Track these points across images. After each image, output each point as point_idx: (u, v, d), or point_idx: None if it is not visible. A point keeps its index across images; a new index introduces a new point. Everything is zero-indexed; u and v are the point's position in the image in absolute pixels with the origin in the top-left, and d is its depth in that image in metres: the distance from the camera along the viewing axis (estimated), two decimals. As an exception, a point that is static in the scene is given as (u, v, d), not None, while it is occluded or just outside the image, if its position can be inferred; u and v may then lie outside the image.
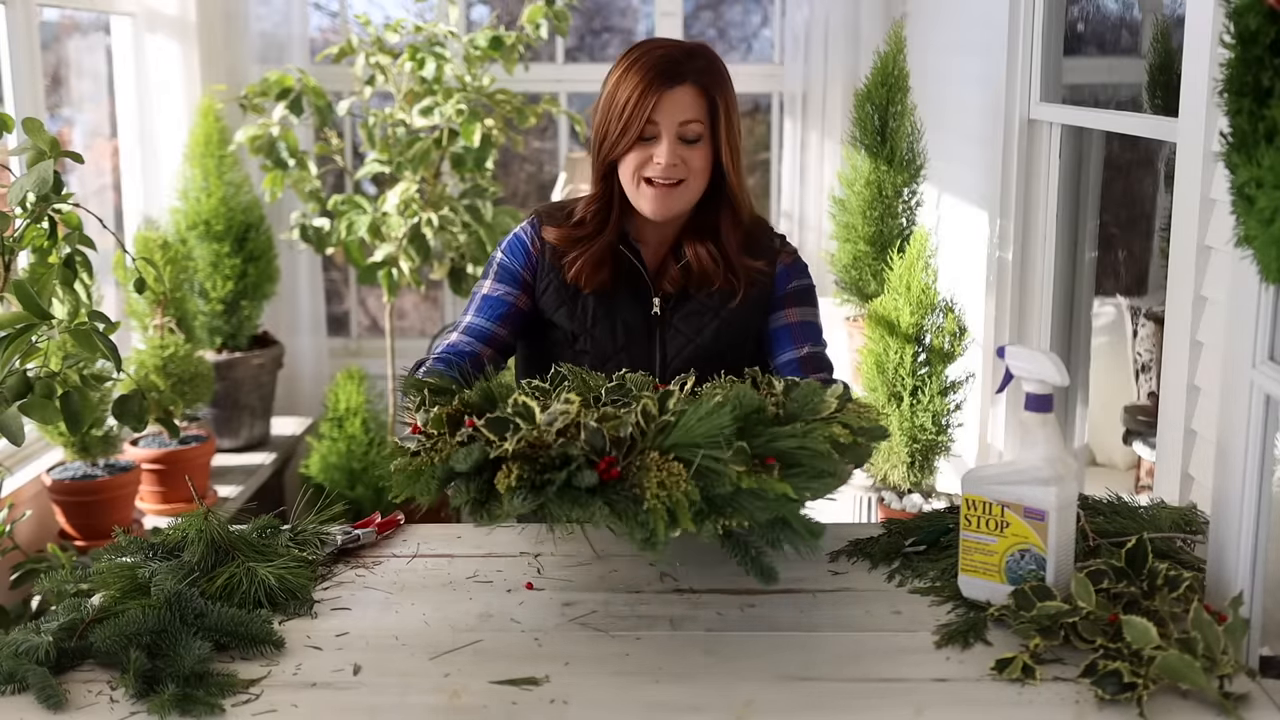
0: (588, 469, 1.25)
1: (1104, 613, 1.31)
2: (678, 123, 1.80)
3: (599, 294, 1.89)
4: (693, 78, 1.80)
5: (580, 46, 5.16)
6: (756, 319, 1.93)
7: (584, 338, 1.90)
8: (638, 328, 1.90)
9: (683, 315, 1.90)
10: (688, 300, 1.91)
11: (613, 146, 1.83)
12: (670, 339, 1.90)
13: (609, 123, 1.83)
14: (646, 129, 1.80)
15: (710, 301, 1.91)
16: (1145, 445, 3.01)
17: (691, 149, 1.81)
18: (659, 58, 1.81)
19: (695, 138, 1.81)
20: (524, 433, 1.27)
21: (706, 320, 1.90)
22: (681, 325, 1.90)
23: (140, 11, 3.95)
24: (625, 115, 1.80)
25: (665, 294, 1.90)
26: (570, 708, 1.23)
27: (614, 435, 1.28)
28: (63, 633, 1.33)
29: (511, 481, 1.25)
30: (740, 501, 1.24)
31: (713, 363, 1.84)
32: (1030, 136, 3.06)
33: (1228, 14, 1.11)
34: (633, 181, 1.83)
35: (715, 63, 1.85)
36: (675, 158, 1.80)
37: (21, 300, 1.72)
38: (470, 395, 1.43)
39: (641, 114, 1.79)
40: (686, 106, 1.80)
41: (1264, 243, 1.08)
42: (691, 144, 1.81)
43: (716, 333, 1.90)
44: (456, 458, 1.28)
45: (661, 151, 1.80)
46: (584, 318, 1.89)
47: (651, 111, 1.79)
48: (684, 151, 1.81)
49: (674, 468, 1.24)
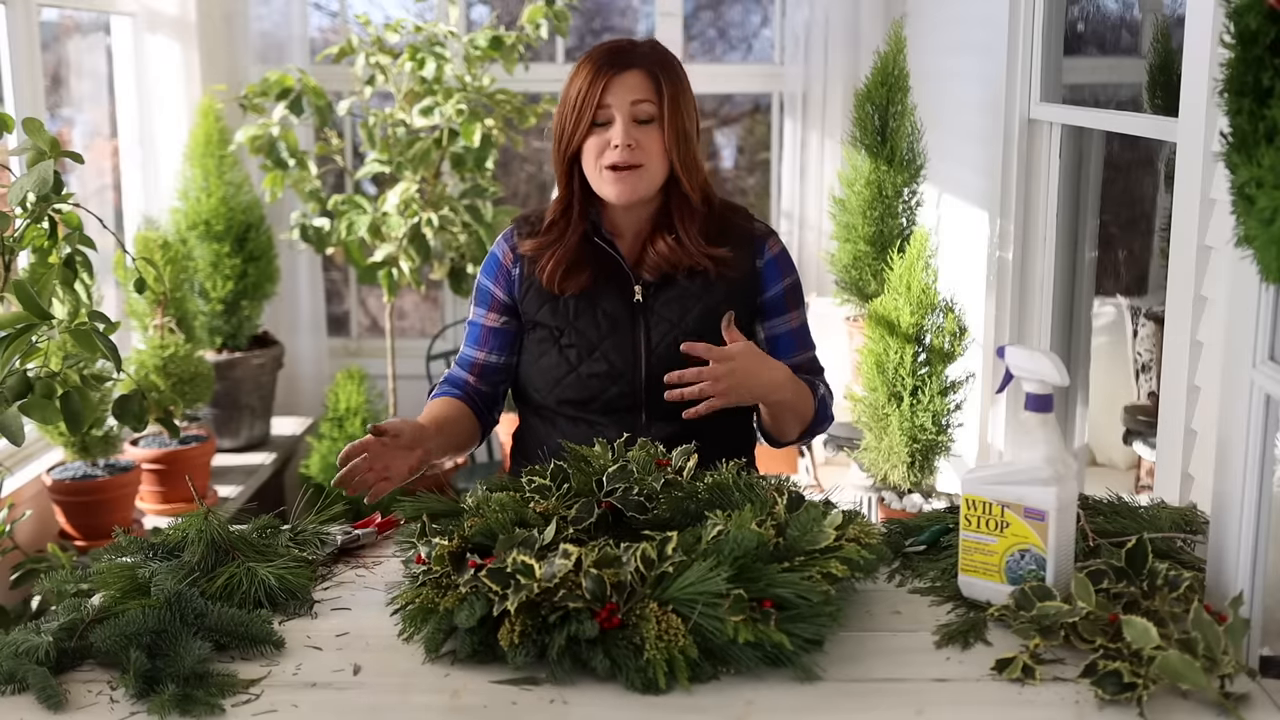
0: (589, 620, 1.27)
1: (1104, 613, 1.31)
2: (629, 103, 1.87)
3: (579, 291, 1.94)
4: (640, 62, 1.89)
5: (580, 46, 5.15)
6: (741, 301, 1.96)
7: (568, 331, 1.94)
8: (621, 317, 1.94)
9: (664, 301, 1.94)
10: (670, 286, 1.95)
11: (570, 138, 1.90)
12: (654, 325, 1.94)
13: (564, 119, 1.91)
14: (599, 114, 1.87)
15: (692, 286, 1.95)
16: (1145, 445, 3.01)
17: (645, 130, 1.88)
18: (606, 48, 1.92)
19: (648, 118, 1.88)
20: (526, 588, 1.29)
21: (690, 305, 1.94)
22: (664, 311, 1.94)
23: (140, 11, 3.95)
24: (579, 104, 1.88)
25: (646, 282, 1.95)
26: (570, 708, 1.23)
27: (614, 580, 1.30)
28: (63, 633, 1.33)
29: (514, 638, 1.28)
30: (737, 651, 1.27)
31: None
32: (1030, 136, 3.06)
33: (1228, 14, 1.11)
34: (595, 170, 1.89)
35: (664, 52, 1.94)
36: (630, 138, 1.86)
37: (21, 300, 1.72)
38: (471, 530, 1.47)
39: (593, 99, 1.86)
40: (636, 88, 1.87)
41: (1264, 243, 1.08)
42: (644, 124, 1.88)
43: (700, 316, 1.94)
44: (459, 615, 1.31)
45: (617, 132, 1.86)
46: (566, 313, 1.94)
47: (602, 95, 1.86)
48: (638, 133, 1.87)
49: (672, 620, 1.27)
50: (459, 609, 1.32)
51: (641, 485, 1.56)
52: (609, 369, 1.93)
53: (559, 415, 1.99)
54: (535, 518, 1.50)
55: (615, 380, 1.93)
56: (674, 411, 1.89)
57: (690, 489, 1.56)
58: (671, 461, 1.64)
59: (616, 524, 1.55)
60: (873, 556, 1.44)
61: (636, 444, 1.66)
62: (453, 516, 1.57)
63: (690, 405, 1.81)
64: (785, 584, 1.32)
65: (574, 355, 1.94)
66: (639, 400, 1.94)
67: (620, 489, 1.55)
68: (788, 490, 1.54)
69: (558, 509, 1.52)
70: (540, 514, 1.51)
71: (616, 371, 1.93)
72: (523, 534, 1.43)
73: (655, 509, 1.54)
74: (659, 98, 1.88)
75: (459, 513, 1.57)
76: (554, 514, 1.50)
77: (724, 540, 1.36)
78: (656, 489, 1.56)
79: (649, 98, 1.87)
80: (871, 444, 3.08)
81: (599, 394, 1.94)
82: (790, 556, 1.39)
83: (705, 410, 1.80)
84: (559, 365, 1.95)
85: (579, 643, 1.28)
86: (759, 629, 1.27)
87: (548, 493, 1.56)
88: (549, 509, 1.52)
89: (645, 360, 1.93)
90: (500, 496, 1.54)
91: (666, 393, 1.81)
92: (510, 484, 1.63)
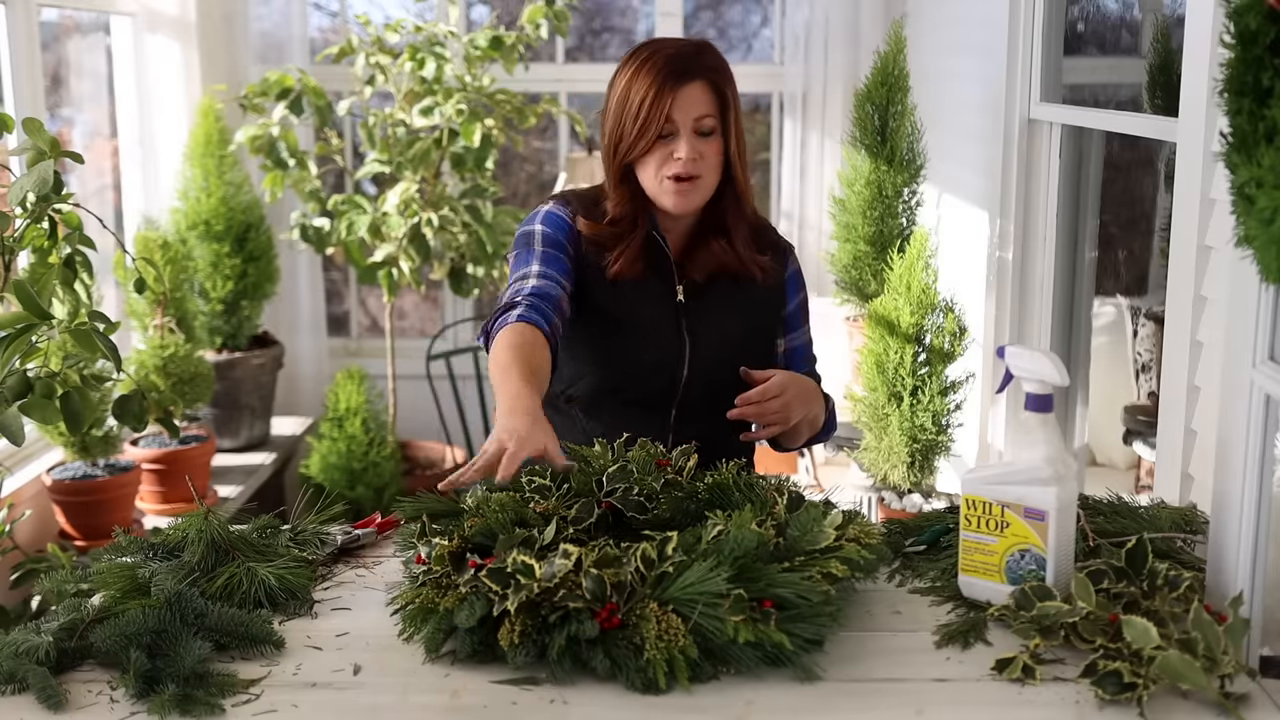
0: (589, 620, 1.27)
1: (1104, 613, 1.31)
2: (693, 118, 1.86)
3: (633, 281, 1.94)
4: (703, 74, 1.87)
5: (580, 46, 5.16)
6: (770, 309, 2.01)
7: (624, 320, 1.94)
8: (667, 312, 1.96)
9: (705, 303, 1.96)
10: (710, 288, 1.97)
11: (630, 148, 1.89)
12: (694, 325, 1.96)
13: (623, 125, 1.88)
14: (664, 127, 1.86)
15: (732, 289, 1.97)
16: (1145, 445, 3.01)
17: (706, 142, 1.88)
18: (669, 57, 1.87)
19: (709, 131, 1.88)
20: (526, 588, 1.29)
21: (729, 308, 1.97)
22: (705, 312, 1.96)
23: (140, 11, 3.95)
24: (642, 116, 1.85)
25: (690, 281, 1.96)
26: (570, 708, 1.23)
27: (614, 580, 1.30)
28: (63, 633, 1.33)
29: (514, 638, 1.28)
30: (737, 651, 1.27)
31: (738, 347, 1.95)
32: (1030, 136, 3.06)
33: (1228, 14, 1.11)
34: (655, 180, 1.89)
35: (720, 58, 1.93)
36: (695, 151, 1.86)
37: (21, 300, 1.72)
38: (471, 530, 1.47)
39: (659, 114, 1.85)
40: (700, 102, 1.87)
41: (1264, 243, 1.08)
42: (705, 137, 1.88)
43: (741, 319, 1.97)
44: (459, 615, 1.31)
45: (682, 148, 1.86)
46: (620, 302, 1.94)
47: (669, 109, 1.85)
48: (701, 145, 1.88)
49: (672, 620, 1.27)
50: (459, 609, 1.32)
51: (641, 485, 1.56)
52: (657, 361, 1.94)
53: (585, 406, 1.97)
54: (535, 518, 1.50)
55: (658, 373, 1.95)
56: (704, 411, 1.93)
57: (690, 489, 1.57)
58: (671, 462, 1.64)
59: (616, 524, 1.55)
60: (873, 556, 1.44)
61: (636, 444, 1.66)
62: (453, 516, 1.57)
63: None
64: (785, 584, 1.32)
65: (624, 344, 1.94)
66: (675, 397, 1.96)
67: (620, 489, 1.55)
68: (788, 490, 1.54)
69: (558, 509, 1.52)
70: (540, 514, 1.51)
71: (663, 364, 1.95)
72: (523, 534, 1.43)
73: (655, 509, 1.54)
74: (720, 109, 1.88)
75: (459, 513, 1.57)
76: (554, 514, 1.50)
77: (724, 540, 1.36)
78: (656, 489, 1.56)
79: (711, 111, 1.87)
80: (871, 444, 3.08)
81: (641, 384, 1.95)
82: (790, 556, 1.39)
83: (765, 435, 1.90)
84: (606, 351, 1.95)
85: (579, 643, 1.28)
86: (759, 629, 1.27)
87: (548, 493, 1.57)
88: (549, 509, 1.52)
89: (690, 356, 1.95)
90: (500, 496, 1.54)
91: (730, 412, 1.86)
92: (510, 484, 1.63)
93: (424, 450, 4.40)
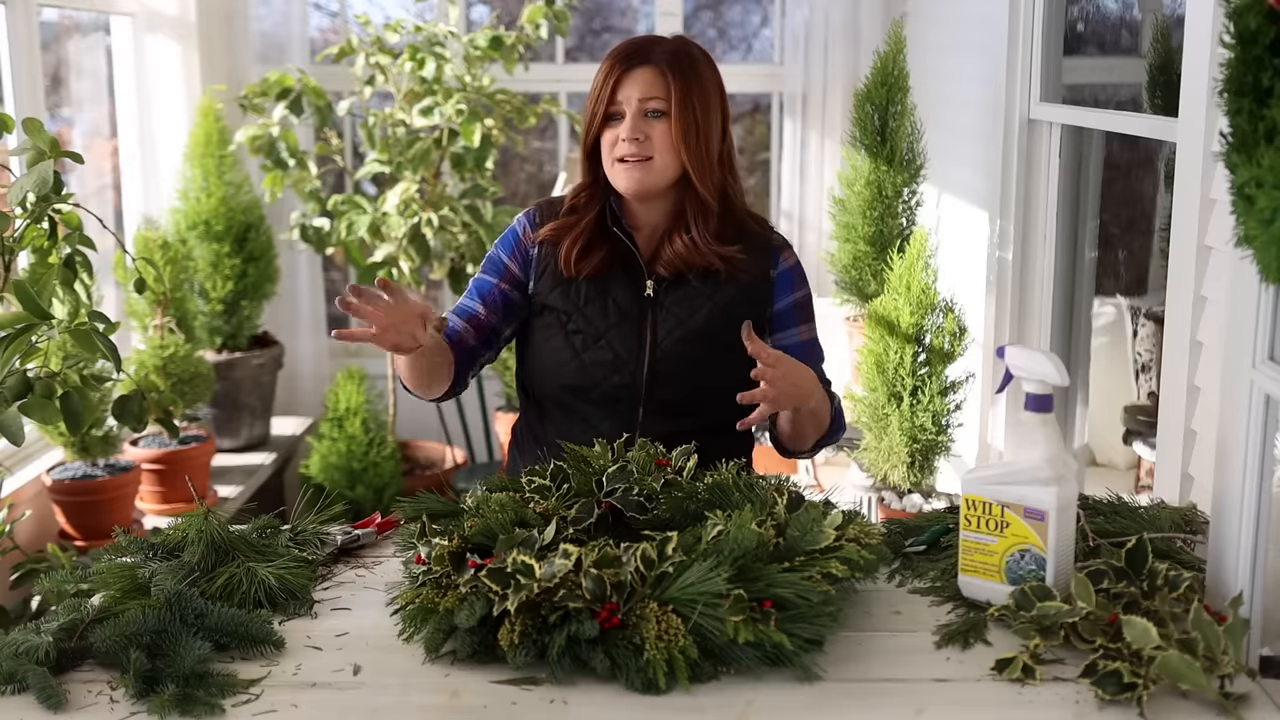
0: (589, 620, 1.28)
1: (1104, 613, 1.31)
2: (637, 99, 1.91)
3: (594, 279, 1.96)
4: (656, 59, 1.92)
5: (580, 46, 5.16)
6: (750, 306, 1.97)
7: (576, 316, 1.96)
8: (630, 309, 1.96)
9: (675, 298, 1.96)
10: (681, 284, 1.97)
11: (587, 130, 1.96)
12: (661, 320, 1.95)
13: (587, 110, 1.97)
14: (611, 108, 1.92)
15: (703, 287, 1.97)
16: (1145, 445, 3.01)
17: (654, 124, 1.91)
18: (627, 44, 1.96)
19: (657, 113, 1.91)
20: (526, 588, 1.29)
21: (699, 304, 1.96)
22: (674, 308, 1.96)
23: (140, 11, 3.95)
24: (595, 97, 1.94)
25: (659, 277, 1.97)
26: (570, 708, 1.23)
27: (614, 580, 1.30)
28: (63, 633, 1.33)
29: (514, 638, 1.28)
30: (737, 651, 1.27)
31: (703, 345, 1.94)
32: (1030, 136, 3.06)
33: (1228, 14, 1.11)
34: (609, 161, 1.94)
35: (686, 49, 1.96)
36: (638, 131, 1.90)
37: (21, 300, 1.72)
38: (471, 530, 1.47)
39: (606, 94, 1.92)
40: (648, 85, 1.91)
41: (1264, 243, 1.08)
42: (655, 119, 1.92)
43: (709, 316, 1.95)
44: (459, 615, 1.31)
45: (625, 127, 1.91)
46: (576, 298, 1.97)
47: (614, 90, 1.92)
48: (646, 126, 1.92)
49: (672, 620, 1.27)
50: (459, 609, 1.32)
51: (641, 485, 1.56)
52: (613, 358, 1.94)
53: (556, 406, 1.99)
54: (535, 518, 1.50)
55: (617, 370, 1.94)
56: (670, 409, 1.92)
57: (690, 489, 1.57)
58: (671, 462, 1.64)
59: (616, 524, 1.55)
60: (873, 556, 1.44)
61: (636, 444, 1.66)
62: (453, 516, 1.57)
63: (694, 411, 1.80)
64: (785, 584, 1.32)
65: (579, 341, 1.95)
66: (638, 394, 1.94)
67: (620, 489, 1.56)
68: (788, 490, 1.54)
69: (558, 509, 1.52)
70: (540, 514, 1.51)
71: (620, 361, 1.94)
72: (523, 534, 1.44)
73: (655, 509, 1.54)
74: (671, 94, 1.90)
75: (459, 513, 1.57)
76: (554, 514, 1.51)
77: (724, 540, 1.36)
78: (656, 489, 1.56)
79: (659, 94, 1.90)
80: (871, 444, 3.08)
81: (600, 382, 1.94)
82: (790, 556, 1.39)
83: (756, 419, 1.74)
84: (563, 350, 1.96)
85: (579, 643, 1.28)
86: (759, 629, 1.27)
87: (548, 493, 1.57)
88: (549, 509, 1.52)
89: (650, 354, 1.94)
90: (500, 496, 1.54)
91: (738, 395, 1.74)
92: (510, 484, 1.63)
93: (424, 450, 4.40)
